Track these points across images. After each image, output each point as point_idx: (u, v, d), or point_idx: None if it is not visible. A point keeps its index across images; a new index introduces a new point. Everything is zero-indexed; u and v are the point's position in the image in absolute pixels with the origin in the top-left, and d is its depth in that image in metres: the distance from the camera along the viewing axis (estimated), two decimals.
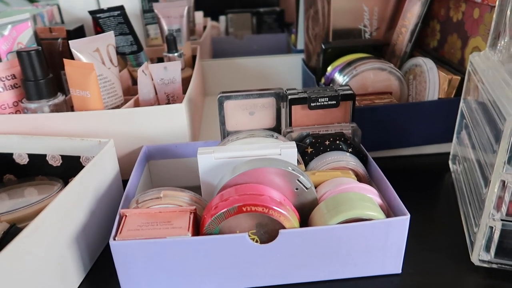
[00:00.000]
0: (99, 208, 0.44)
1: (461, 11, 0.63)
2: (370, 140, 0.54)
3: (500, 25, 0.44)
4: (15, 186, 0.49)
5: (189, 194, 0.41)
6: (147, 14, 0.86)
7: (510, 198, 0.37)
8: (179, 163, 0.53)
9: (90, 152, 0.49)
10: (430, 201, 0.52)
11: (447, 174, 0.57)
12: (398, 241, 0.38)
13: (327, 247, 0.37)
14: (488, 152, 0.39)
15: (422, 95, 0.61)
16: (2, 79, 0.54)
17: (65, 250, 0.39)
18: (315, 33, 0.76)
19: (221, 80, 0.90)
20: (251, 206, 0.36)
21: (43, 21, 0.77)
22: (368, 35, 0.75)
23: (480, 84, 0.44)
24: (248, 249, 0.37)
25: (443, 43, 0.68)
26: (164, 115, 0.55)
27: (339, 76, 0.64)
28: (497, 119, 0.37)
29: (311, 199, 0.40)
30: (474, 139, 0.45)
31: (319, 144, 0.47)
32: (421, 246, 0.44)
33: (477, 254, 0.40)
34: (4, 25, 0.56)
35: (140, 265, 0.37)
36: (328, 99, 0.48)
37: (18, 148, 0.51)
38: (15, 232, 0.37)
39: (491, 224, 0.38)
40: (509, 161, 0.36)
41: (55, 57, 0.67)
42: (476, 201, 0.42)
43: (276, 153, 0.41)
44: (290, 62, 0.88)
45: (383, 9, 0.73)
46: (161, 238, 0.36)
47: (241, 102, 0.49)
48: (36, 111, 0.54)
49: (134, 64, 0.73)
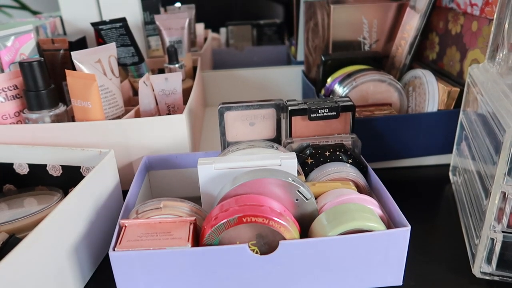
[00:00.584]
0: (99, 219, 0.44)
1: (459, 24, 0.63)
2: (370, 151, 0.54)
3: (498, 38, 0.44)
4: (14, 196, 0.49)
5: (189, 204, 0.41)
6: (149, 26, 0.87)
7: (511, 210, 0.37)
8: (179, 173, 0.53)
9: (91, 162, 0.49)
10: (430, 212, 0.52)
11: (447, 186, 0.57)
12: (398, 252, 0.38)
13: (327, 258, 0.37)
14: (488, 164, 0.39)
15: (422, 106, 0.62)
16: (4, 89, 0.54)
17: (64, 260, 0.39)
18: (315, 45, 0.77)
19: (221, 91, 0.90)
20: (251, 217, 0.36)
21: (46, 32, 0.78)
22: (367, 47, 0.76)
23: (479, 96, 0.45)
24: (248, 260, 0.36)
25: (442, 55, 0.69)
26: (164, 126, 0.55)
27: (339, 87, 0.64)
28: (497, 131, 0.37)
29: (311, 210, 0.40)
30: (474, 150, 0.46)
31: (319, 155, 0.47)
32: (422, 258, 0.44)
33: (479, 266, 0.40)
34: (7, 36, 0.56)
35: (140, 276, 0.36)
36: (328, 110, 0.48)
37: (18, 158, 0.51)
38: (14, 243, 0.37)
39: (492, 236, 0.38)
40: (509, 173, 0.36)
41: (57, 68, 0.67)
42: (476, 213, 0.42)
43: (277, 164, 0.41)
44: (290, 73, 0.89)
45: (382, 22, 0.74)
46: (160, 248, 0.35)
47: (241, 113, 0.49)
48: (37, 121, 0.55)
49: (135, 75, 0.74)
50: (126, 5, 0.82)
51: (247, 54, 1.07)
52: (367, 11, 0.73)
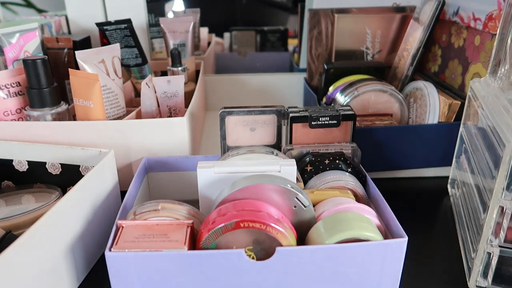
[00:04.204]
0: (96, 218, 0.44)
1: (462, 37, 0.64)
2: (369, 161, 0.54)
3: (500, 53, 0.45)
4: (12, 193, 0.49)
5: (187, 207, 0.41)
6: (153, 28, 0.88)
7: (508, 225, 0.37)
8: (178, 176, 0.53)
9: (90, 161, 0.49)
10: (427, 224, 0.52)
11: (445, 198, 0.57)
12: (395, 263, 0.38)
13: (323, 266, 0.37)
14: (487, 178, 0.39)
15: (422, 118, 0.62)
16: (7, 86, 0.54)
17: (60, 259, 0.39)
18: (318, 53, 0.77)
19: (223, 95, 0.90)
20: (249, 222, 0.36)
21: (51, 31, 0.78)
22: (370, 57, 0.76)
23: (480, 109, 0.45)
24: (244, 266, 0.36)
25: (444, 68, 0.69)
26: (165, 128, 0.55)
27: (341, 96, 0.64)
28: (497, 145, 0.37)
29: (309, 217, 0.40)
30: (473, 164, 0.46)
31: (318, 162, 0.47)
32: (418, 270, 0.44)
33: (475, 280, 0.40)
34: (12, 33, 0.57)
35: (135, 277, 0.36)
36: (329, 118, 0.49)
37: (18, 155, 0.51)
38: (10, 239, 0.37)
39: (489, 250, 0.38)
40: (508, 187, 0.36)
41: (60, 67, 0.68)
42: (474, 226, 0.42)
43: (276, 170, 0.41)
44: (292, 80, 0.89)
45: (385, 33, 0.74)
46: (157, 250, 0.35)
47: (242, 118, 0.49)
48: (39, 119, 0.55)
49: (138, 77, 0.74)
50: (132, 7, 0.82)
51: (250, 59, 1.07)
52: (371, 21, 0.73)
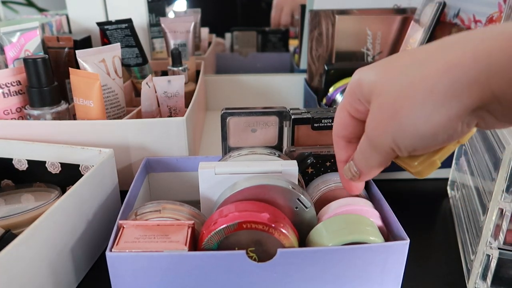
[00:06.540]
0: (95, 218, 0.44)
1: None
2: None
3: None
4: (12, 192, 0.49)
5: (188, 208, 0.41)
6: (154, 28, 0.87)
7: (508, 227, 0.37)
8: (179, 176, 0.53)
9: (90, 161, 0.49)
10: (427, 226, 0.52)
11: (445, 200, 0.57)
12: (396, 265, 0.38)
13: (325, 268, 0.37)
14: (486, 180, 0.40)
15: None
16: (7, 84, 0.54)
17: (59, 258, 0.38)
18: (318, 54, 0.77)
19: (223, 95, 0.90)
20: (251, 223, 0.36)
21: (51, 30, 0.78)
22: (370, 58, 0.76)
23: None
24: (246, 267, 0.36)
25: None
26: (165, 128, 0.55)
27: (341, 97, 0.64)
28: (496, 147, 0.37)
29: (310, 218, 0.40)
30: (473, 166, 0.46)
31: (320, 164, 0.47)
32: (417, 272, 0.44)
33: (474, 282, 0.40)
34: (13, 32, 0.57)
35: (135, 278, 0.36)
36: (331, 120, 0.48)
37: (18, 153, 0.51)
38: (9, 238, 0.37)
39: (488, 252, 0.38)
40: (507, 189, 0.36)
41: (61, 66, 0.68)
42: (473, 228, 0.42)
43: (278, 171, 0.41)
44: (293, 81, 0.89)
45: (386, 34, 0.74)
46: (157, 251, 0.35)
47: (244, 119, 0.49)
48: (39, 118, 0.54)
49: (139, 76, 0.74)
50: (132, 6, 0.82)
51: (250, 60, 1.07)
52: (371, 22, 0.73)
